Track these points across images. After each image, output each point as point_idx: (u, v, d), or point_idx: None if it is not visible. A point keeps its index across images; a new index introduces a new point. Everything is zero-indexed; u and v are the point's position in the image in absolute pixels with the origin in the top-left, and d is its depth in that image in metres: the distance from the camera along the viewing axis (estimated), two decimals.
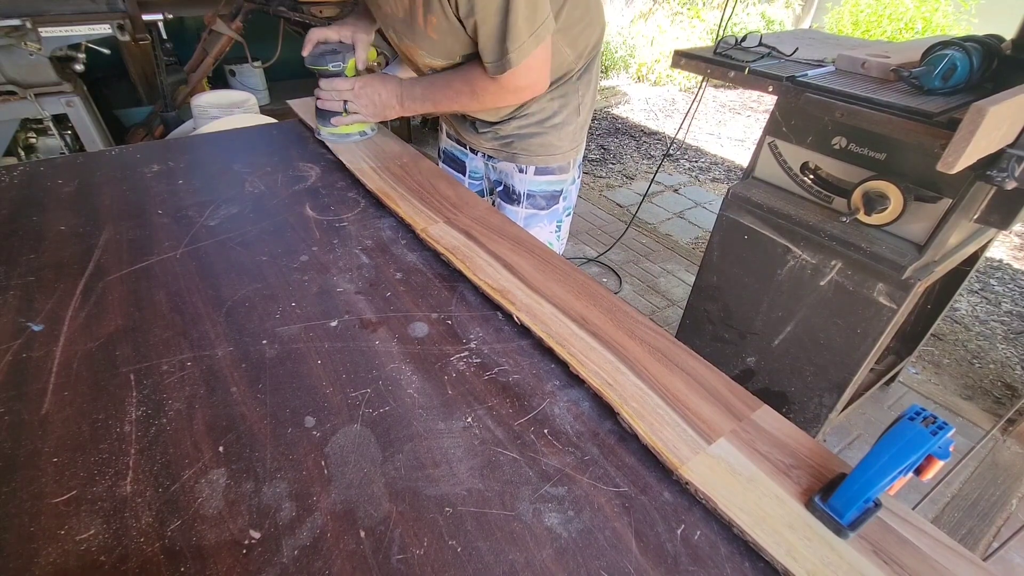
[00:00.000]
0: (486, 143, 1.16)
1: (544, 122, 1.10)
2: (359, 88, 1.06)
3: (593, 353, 0.65)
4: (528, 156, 1.13)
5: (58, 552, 0.45)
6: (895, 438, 0.46)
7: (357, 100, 1.07)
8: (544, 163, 1.15)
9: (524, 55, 0.88)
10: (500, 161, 1.18)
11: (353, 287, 0.76)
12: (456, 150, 1.29)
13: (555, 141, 1.12)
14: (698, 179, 3.62)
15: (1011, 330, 2.39)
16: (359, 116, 1.10)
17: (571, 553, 0.47)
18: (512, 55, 0.88)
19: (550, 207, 1.21)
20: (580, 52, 1.05)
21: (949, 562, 0.46)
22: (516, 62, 0.89)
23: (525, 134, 1.11)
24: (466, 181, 1.31)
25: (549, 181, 1.18)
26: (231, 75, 2.99)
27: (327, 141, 1.15)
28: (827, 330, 1.39)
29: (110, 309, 0.69)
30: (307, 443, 0.54)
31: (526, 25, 0.85)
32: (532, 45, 0.88)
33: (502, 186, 1.23)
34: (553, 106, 1.09)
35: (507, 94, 0.98)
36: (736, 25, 5.26)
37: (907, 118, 1.08)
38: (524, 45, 0.87)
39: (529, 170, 1.16)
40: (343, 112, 1.09)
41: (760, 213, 1.41)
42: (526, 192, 1.19)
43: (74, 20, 1.93)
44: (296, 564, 0.45)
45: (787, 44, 1.50)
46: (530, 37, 0.87)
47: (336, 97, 1.08)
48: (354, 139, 1.16)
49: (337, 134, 1.14)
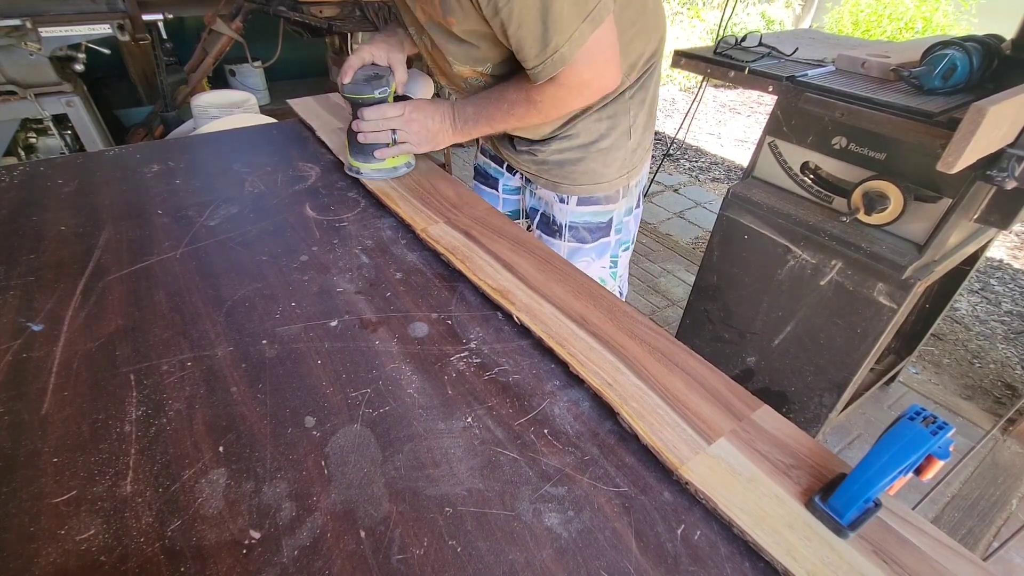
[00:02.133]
0: (525, 164, 1.03)
1: (589, 146, 0.96)
2: (409, 114, 0.93)
3: (593, 353, 0.65)
4: (570, 185, 1.00)
5: (58, 552, 0.45)
6: (895, 438, 0.46)
7: (408, 127, 0.94)
8: (588, 192, 1.00)
9: (579, 44, 0.73)
10: (539, 188, 1.05)
11: (353, 287, 0.76)
12: (490, 167, 1.17)
13: (600, 168, 0.98)
14: (698, 179, 3.62)
15: (1011, 330, 2.39)
16: (408, 146, 0.96)
17: (571, 553, 0.47)
18: (564, 49, 0.73)
19: (597, 240, 1.06)
20: (632, 63, 0.91)
21: (949, 562, 0.46)
22: (570, 56, 0.74)
23: (567, 159, 0.97)
24: (500, 200, 1.17)
25: (594, 212, 1.03)
26: (231, 75, 2.99)
27: (368, 179, 1.00)
28: (827, 330, 1.39)
29: (110, 309, 0.69)
30: (307, 443, 0.54)
31: (575, 9, 0.70)
32: (588, 29, 0.72)
33: (540, 214, 1.09)
34: (600, 128, 0.95)
35: (571, 94, 0.82)
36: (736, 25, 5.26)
37: (907, 118, 1.08)
38: (578, 33, 0.72)
39: (571, 200, 1.02)
40: (392, 142, 0.96)
41: (760, 213, 1.41)
42: (567, 224, 1.04)
43: (74, 20, 1.93)
44: (296, 564, 0.45)
45: (787, 44, 1.50)
46: (584, 22, 0.71)
47: (385, 127, 0.93)
48: (401, 173, 1.02)
49: (382, 169, 1.00)
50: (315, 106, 1.31)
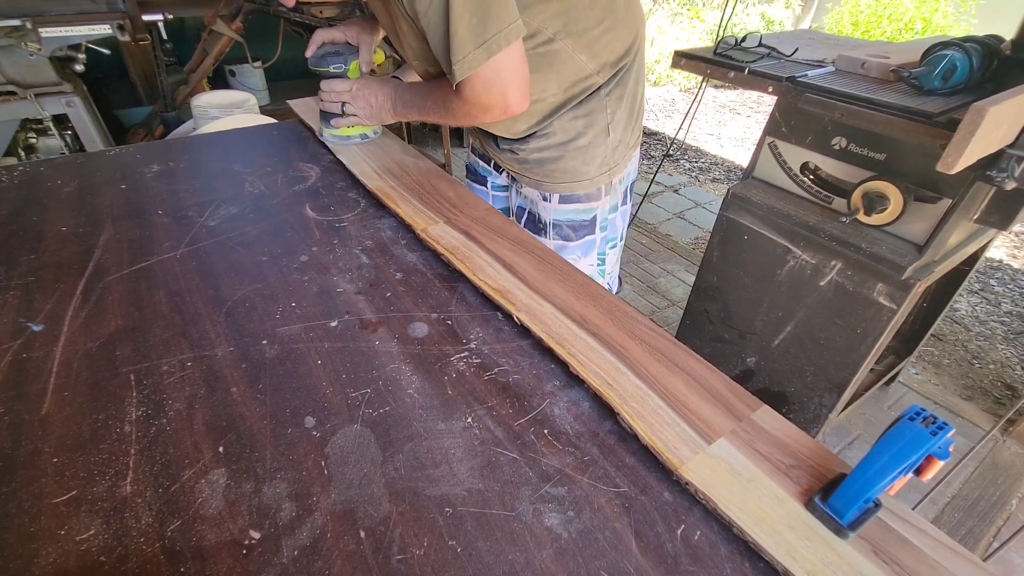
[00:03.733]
0: (508, 162, 1.06)
1: (567, 144, 0.97)
2: (356, 90, 1.04)
3: (593, 353, 0.65)
4: (551, 183, 1.02)
5: (58, 552, 0.45)
6: (895, 438, 0.46)
7: (354, 102, 1.05)
8: (569, 190, 1.03)
9: (469, 68, 0.77)
10: (524, 186, 1.07)
11: (353, 287, 0.76)
12: (479, 165, 1.20)
13: (580, 166, 0.99)
14: (698, 179, 3.62)
15: (1011, 330, 2.39)
16: (357, 119, 1.08)
17: (571, 553, 0.47)
18: (456, 68, 0.77)
19: (582, 237, 1.08)
20: (603, 62, 0.92)
21: (949, 562, 0.46)
22: (460, 75, 0.78)
23: (547, 158, 0.99)
24: (489, 196, 1.21)
25: (576, 209, 1.05)
26: (231, 75, 2.99)
27: (328, 143, 1.14)
28: (827, 330, 1.39)
29: (110, 309, 0.69)
30: (307, 443, 0.54)
31: (470, 34, 0.74)
32: (482, 56, 0.76)
33: (527, 212, 1.12)
34: (576, 126, 0.96)
35: (475, 110, 0.85)
36: (736, 25, 5.26)
37: (907, 118, 1.08)
38: (469, 57, 0.76)
39: (553, 198, 1.04)
40: (341, 114, 1.09)
41: (760, 213, 1.41)
42: (551, 221, 1.07)
43: (74, 20, 1.93)
44: (296, 564, 0.45)
45: (787, 44, 1.50)
46: (478, 48, 0.75)
47: (334, 99, 1.06)
48: (355, 142, 1.15)
49: (338, 136, 1.14)
50: (315, 106, 1.30)
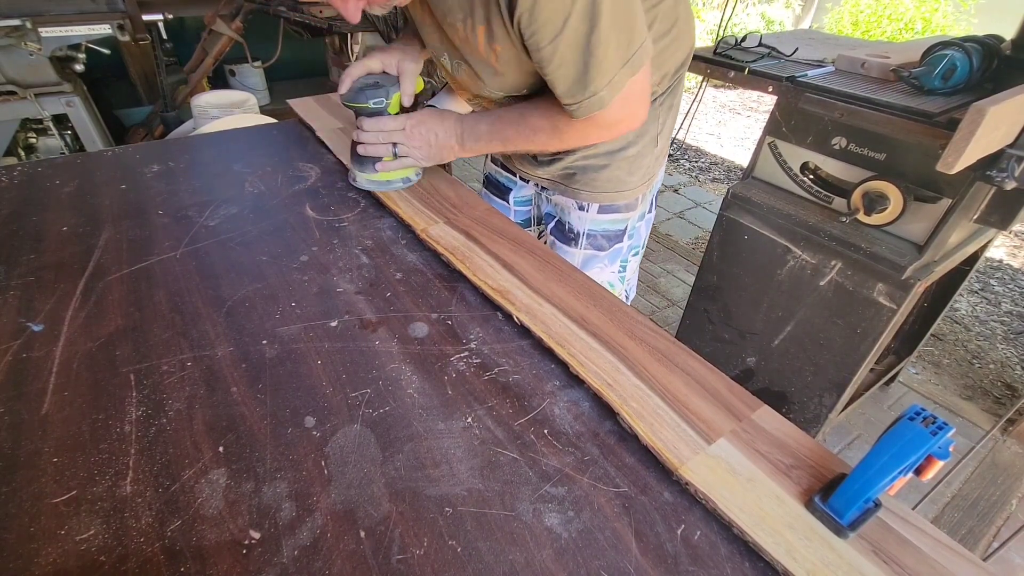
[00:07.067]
0: (541, 172, 0.99)
1: (615, 153, 0.93)
2: (411, 128, 0.89)
3: (593, 353, 0.65)
4: (591, 192, 0.96)
5: (58, 552, 0.45)
6: (895, 438, 0.46)
7: (409, 142, 0.89)
8: (610, 200, 0.97)
9: (616, 90, 0.72)
10: (556, 194, 1.01)
11: (353, 287, 0.76)
12: (501, 176, 1.14)
13: (624, 176, 0.95)
14: (698, 179, 3.62)
15: (1011, 330, 2.39)
16: (410, 161, 0.92)
17: (571, 553, 0.47)
18: (603, 93, 0.72)
19: (612, 246, 1.04)
20: (665, 72, 0.89)
21: (949, 562, 0.46)
22: (608, 100, 0.73)
23: (591, 166, 0.94)
24: (511, 210, 1.15)
25: (613, 220, 1.01)
26: (231, 75, 2.98)
27: (363, 187, 0.97)
28: (827, 330, 1.39)
29: (110, 309, 0.69)
30: (307, 443, 0.54)
31: (618, 54, 0.70)
32: (627, 75, 0.72)
33: (556, 220, 1.05)
34: (629, 135, 0.92)
35: (598, 131, 0.82)
36: (736, 25, 5.26)
37: (907, 118, 1.08)
38: (617, 78, 0.71)
39: (592, 208, 0.98)
40: (391, 156, 0.92)
41: (760, 213, 1.41)
42: (586, 232, 1.01)
43: (74, 20, 1.93)
44: (296, 564, 0.45)
45: (787, 44, 1.50)
46: (624, 67, 0.71)
47: (383, 139, 0.90)
48: (397, 186, 0.97)
49: (378, 181, 0.96)
50: (315, 106, 1.31)
